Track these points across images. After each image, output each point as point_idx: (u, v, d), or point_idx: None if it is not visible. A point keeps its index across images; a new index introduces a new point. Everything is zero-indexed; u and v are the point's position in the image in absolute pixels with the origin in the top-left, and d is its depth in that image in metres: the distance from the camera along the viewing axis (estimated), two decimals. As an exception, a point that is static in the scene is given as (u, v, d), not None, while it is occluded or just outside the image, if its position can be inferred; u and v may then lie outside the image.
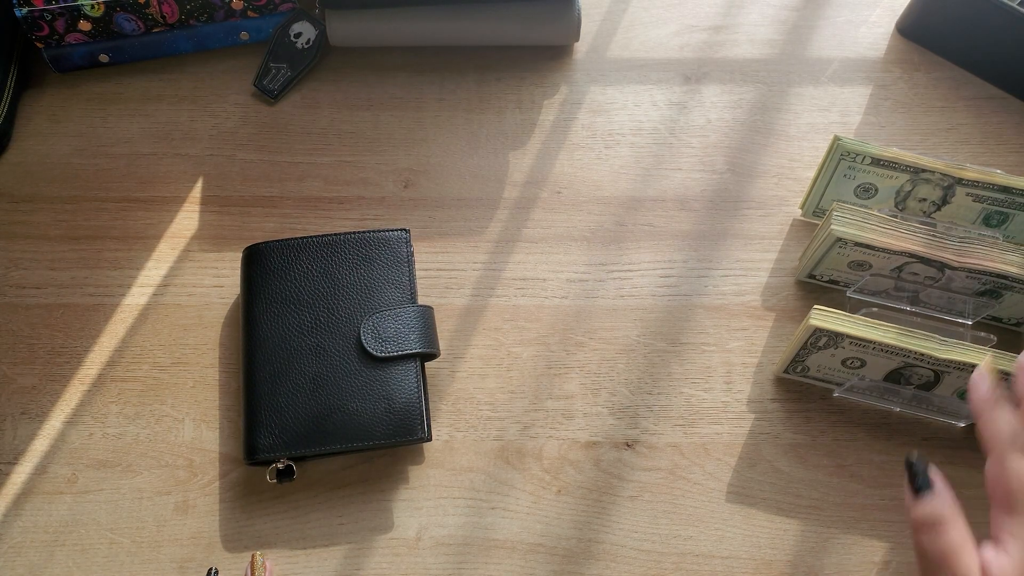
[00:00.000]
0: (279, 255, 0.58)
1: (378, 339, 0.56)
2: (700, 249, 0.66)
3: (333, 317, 0.56)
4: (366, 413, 0.54)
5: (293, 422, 0.53)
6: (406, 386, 0.55)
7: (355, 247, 0.58)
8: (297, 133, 0.71)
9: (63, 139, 0.70)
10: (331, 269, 0.57)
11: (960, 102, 0.74)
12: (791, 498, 0.57)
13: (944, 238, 0.58)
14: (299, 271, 0.57)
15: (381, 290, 0.57)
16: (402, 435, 0.54)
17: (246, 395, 0.55)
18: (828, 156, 0.61)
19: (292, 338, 0.55)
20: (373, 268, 0.58)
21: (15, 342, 0.61)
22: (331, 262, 0.58)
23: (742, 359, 0.62)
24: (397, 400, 0.55)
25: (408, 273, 0.59)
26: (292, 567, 0.54)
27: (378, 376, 0.55)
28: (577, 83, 0.74)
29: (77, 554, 0.54)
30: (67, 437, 0.57)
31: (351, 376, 0.55)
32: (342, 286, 0.57)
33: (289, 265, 0.57)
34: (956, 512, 0.37)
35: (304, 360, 0.55)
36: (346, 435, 0.54)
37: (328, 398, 0.54)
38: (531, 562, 0.54)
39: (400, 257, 0.59)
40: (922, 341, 0.54)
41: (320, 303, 0.56)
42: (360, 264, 0.58)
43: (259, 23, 0.73)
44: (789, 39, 0.78)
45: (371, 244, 0.59)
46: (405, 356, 0.56)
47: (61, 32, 0.68)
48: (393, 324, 0.56)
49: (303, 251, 0.58)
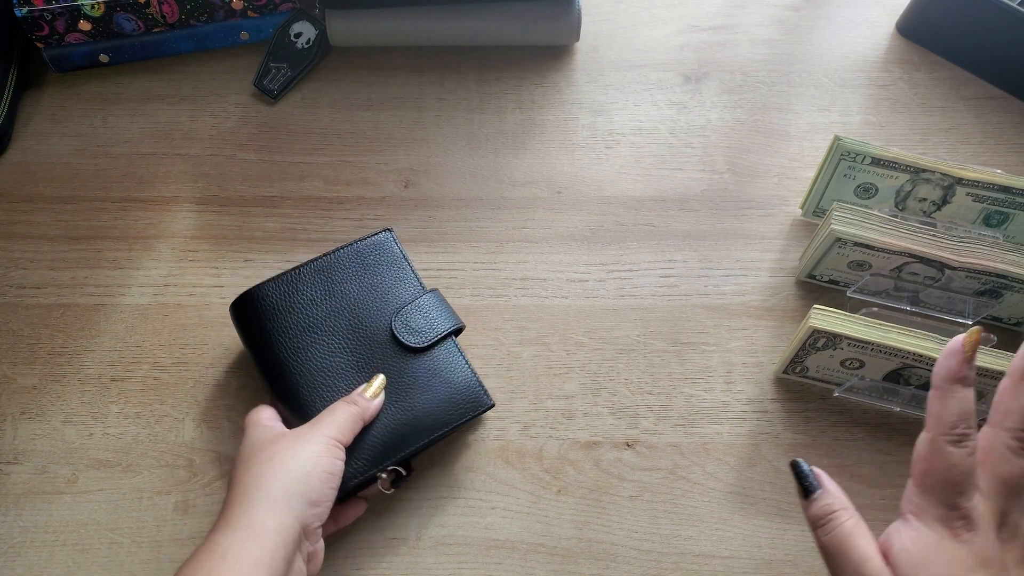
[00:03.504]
0: (277, 293, 0.56)
1: (413, 332, 0.56)
2: (700, 249, 0.66)
3: (359, 330, 0.56)
4: (433, 402, 0.55)
5: (371, 439, 0.53)
6: (456, 363, 0.56)
7: (349, 261, 0.58)
8: (297, 133, 0.71)
9: (63, 139, 0.70)
10: (335, 288, 0.57)
11: (960, 102, 0.74)
12: (791, 498, 0.57)
13: (944, 238, 0.58)
14: (304, 300, 0.56)
15: (391, 290, 0.58)
16: (472, 410, 0.55)
17: None
18: (828, 156, 0.61)
19: (329, 364, 0.55)
20: (375, 273, 0.58)
21: (15, 342, 0.61)
22: (332, 281, 0.57)
23: (742, 359, 0.62)
24: (455, 380, 0.56)
25: (408, 267, 0.59)
26: (292, 567, 0.54)
27: (426, 365, 0.55)
28: (577, 83, 0.74)
29: (77, 554, 0.54)
30: (67, 437, 0.57)
31: (403, 375, 0.55)
32: (354, 300, 0.57)
33: (291, 298, 0.56)
34: (845, 504, 0.38)
35: (352, 379, 0.54)
36: (423, 430, 0.54)
37: (392, 403, 0.54)
38: (531, 562, 0.54)
39: (395, 255, 0.59)
40: (921, 341, 0.54)
41: (340, 322, 0.56)
42: (361, 274, 0.58)
43: (259, 23, 0.73)
44: (789, 39, 0.78)
45: (363, 253, 0.58)
46: (441, 338, 0.56)
47: (61, 32, 0.68)
48: (418, 315, 0.57)
49: (300, 281, 0.57)
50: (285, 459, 0.47)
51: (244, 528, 0.44)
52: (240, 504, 0.45)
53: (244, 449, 0.49)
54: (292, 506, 0.45)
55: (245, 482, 0.46)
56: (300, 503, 0.46)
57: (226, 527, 0.44)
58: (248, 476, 0.46)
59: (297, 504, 0.46)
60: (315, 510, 0.47)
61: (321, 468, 0.47)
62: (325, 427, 0.49)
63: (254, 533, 0.44)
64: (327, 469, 0.47)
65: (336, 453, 0.49)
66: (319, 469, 0.47)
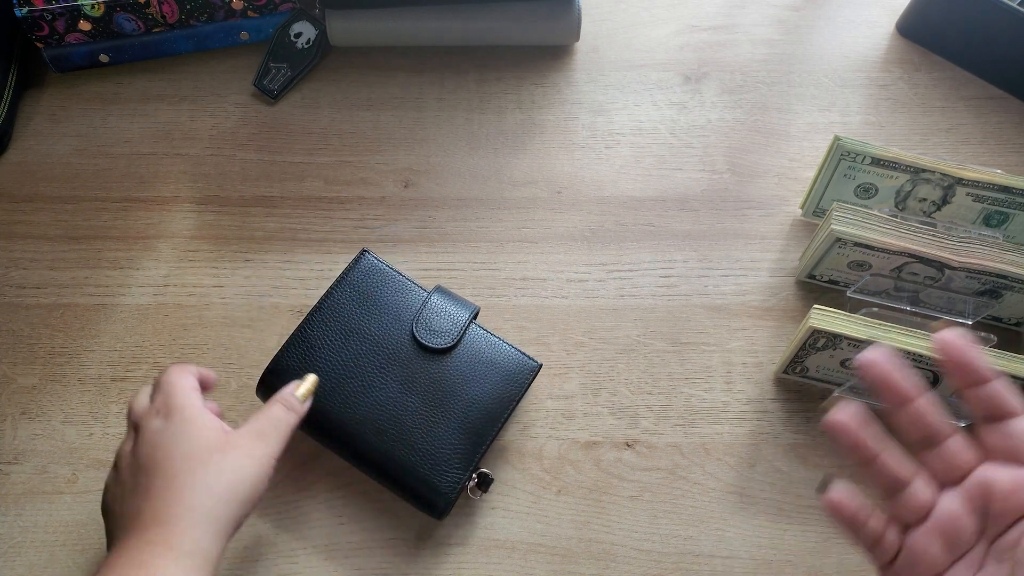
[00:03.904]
0: (295, 358, 0.55)
1: (438, 334, 0.56)
2: (700, 249, 0.66)
3: (388, 355, 0.55)
4: (488, 388, 0.55)
5: (449, 449, 0.53)
6: (490, 344, 0.57)
7: (346, 297, 0.57)
8: (297, 133, 0.71)
9: (63, 139, 0.70)
10: (347, 327, 0.56)
11: (960, 102, 0.74)
12: (791, 498, 0.57)
13: (944, 238, 0.58)
14: (324, 354, 0.55)
15: (398, 305, 0.57)
16: (526, 378, 0.56)
17: (391, 475, 0.54)
18: (828, 156, 0.61)
19: (373, 399, 0.54)
20: (375, 296, 0.57)
21: (15, 342, 0.61)
22: (340, 323, 0.56)
23: (742, 359, 0.62)
24: (497, 359, 0.56)
25: (402, 277, 0.58)
26: (292, 567, 0.54)
27: (465, 358, 0.56)
28: (577, 83, 0.74)
29: (77, 554, 0.54)
30: (67, 437, 0.57)
31: (448, 376, 0.55)
32: (369, 330, 0.56)
33: (311, 357, 0.55)
34: None
35: (403, 403, 0.54)
36: (492, 418, 0.54)
37: (452, 407, 0.54)
38: (531, 562, 0.54)
39: (383, 272, 0.58)
40: (920, 341, 0.54)
41: (368, 357, 0.55)
42: (363, 304, 0.57)
43: (259, 23, 0.73)
44: (789, 39, 0.78)
45: (355, 283, 0.57)
46: (465, 328, 0.57)
47: (61, 32, 0.68)
48: (435, 317, 0.57)
49: (310, 338, 0.55)
50: (233, 478, 0.44)
51: (190, 556, 0.41)
52: (185, 523, 0.42)
53: (183, 439, 0.45)
54: (230, 532, 0.44)
55: (189, 495, 0.43)
56: (233, 528, 0.44)
57: (169, 550, 0.41)
58: (193, 487, 0.43)
59: (232, 529, 0.44)
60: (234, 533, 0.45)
61: (258, 494, 0.45)
62: (271, 444, 0.47)
63: (198, 564, 0.41)
64: (261, 495, 0.45)
65: (271, 475, 0.46)
66: (256, 495, 0.45)
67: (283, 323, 0.62)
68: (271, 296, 0.63)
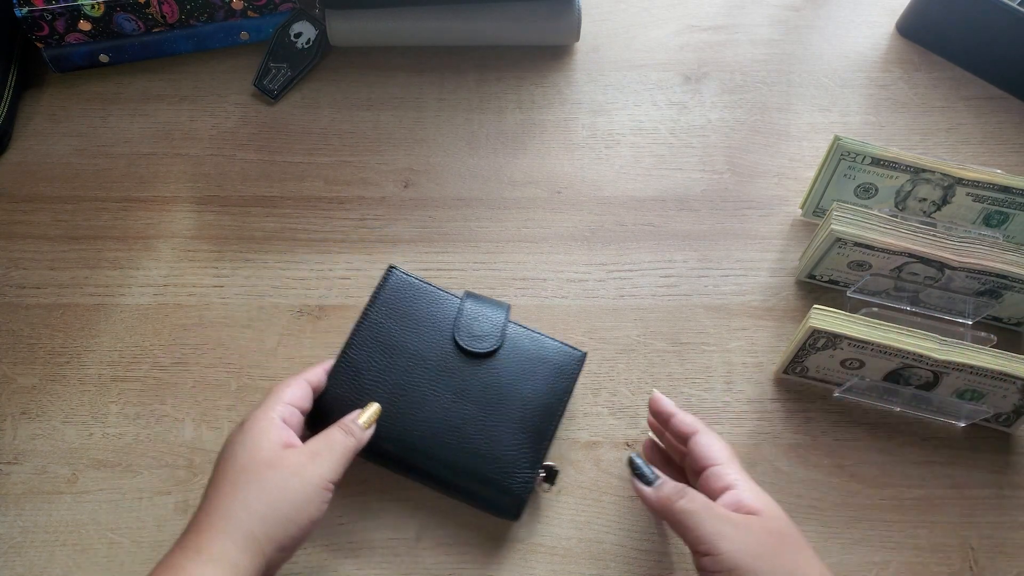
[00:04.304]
0: (344, 387, 0.54)
1: (481, 339, 0.56)
2: (700, 249, 0.66)
3: (433, 369, 0.55)
4: (540, 383, 0.55)
5: (514, 450, 0.53)
6: (532, 339, 0.57)
7: (382, 316, 0.56)
8: (297, 133, 0.71)
9: (63, 139, 0.70)
10: (389, 346, 0.55)
11: (960, 102, 0.74)
12: (791, 498, 0.57)
13: (944, 238, 0.58)
14: (372, 377, 0.54)
15: (434, 316, 0.57)
16: (574, 368, 0.56)
17: (461, 486, 0.54)
18: (828, 156, 0.61)
19: (429, 413, 0.54)
20: (410, 311, 0.57)
21: (15, 342, 0.61)
22: (381, 343, 0.55)
23: (742, 359, 0.62)
24: (542, 353, 0.56)
25: (432, 288, 0.58)
26: (292, 567, 0.54)
27: (512, 357, 0.56)
28: (577, 83, 0.74)
29: (77, 554, 0.54)
30: (67, 437, 0.57)
31: (500, 378, 0.55)
32: (411, 346, 0.56)
33: (359, 382, 0.54)
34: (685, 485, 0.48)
35: (459, 412, 0.54)
36: (550, 412, 0.55)
37: (508, 408, 0.54)
38: (531, 562, 0.54)
39: (414, 285, 0.58)
40: (920, 341, 0.54)
41: (412, 373, 0.55)
42: (400, 320, 0.56)
43: (259, 23, 0.73)
44: (789, 39, 0.78)
45: (389, 301, 0.57)
46: (504, 328, 0.57)
47: (61, 32, 0.68)
48: (473, 322, 0.57)
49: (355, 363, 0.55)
50: (277, 496, 0.44)
51: (215, 562, 0.41)
52: (217, 530, 0.42)
53: (241, 449, 0.46)
54: (266, 550, 0.43)
55: (228, 505, 0.43)
56: (274, 548, 0.43)
57: (197, 554, 0.42)
58: (235, 498, 0.43)
59: (271, 548, 0.43)
60: (282, 555, 0.44)
61: (307, 516, 0.45)
62: (325, 466, 0.46)
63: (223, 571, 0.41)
64: (312, 518, 0.45)
65: (326, 498, 0.46)
66: (305, 517, 0.45)
67: (283, 323, 0.62)
68: (271, 296, 0.63)
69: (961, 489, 0.57)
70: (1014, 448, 0.59)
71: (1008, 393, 0.55)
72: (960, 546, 0.56)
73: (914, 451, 0.59)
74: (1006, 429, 0.59)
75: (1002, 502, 0.57)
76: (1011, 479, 0.58)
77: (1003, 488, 0.58)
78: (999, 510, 0.57)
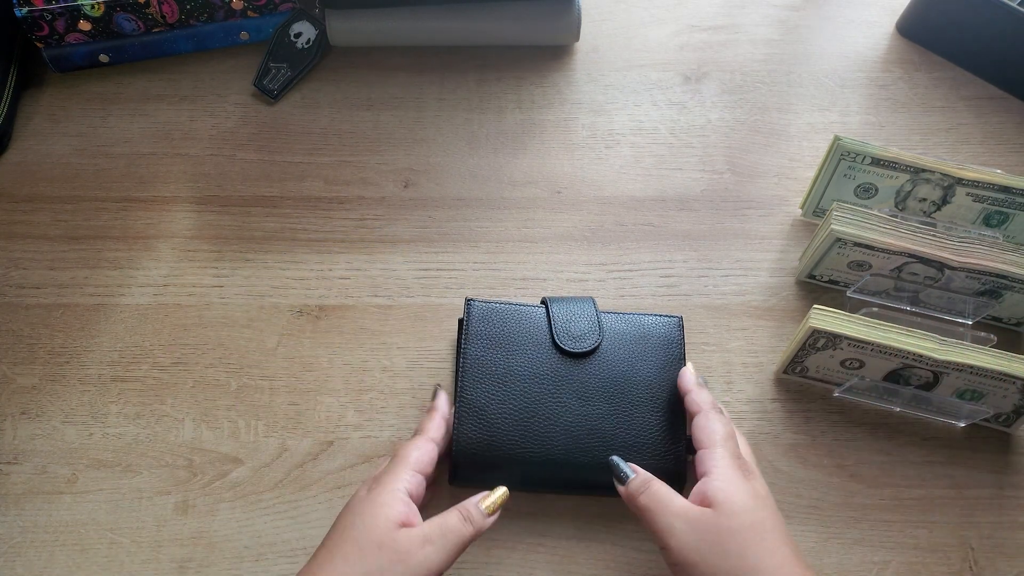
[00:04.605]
0: (472, 430, 0.53)
1: (582, 338, 0.56)
2: (700, 249, 0.66)
3: (549, 382, 0.54)
4: (653, 362, 0.55)
5: (657, 431, 0.53)
6: (627, 322, 0.57)
7: (480, 351, 0.55)
8: (297, 133, 0.71)
9: (63, 139, 0.70)
10: (496, 377, 0.54)
11: (960, 102, 0.74)
12: (791, 498, 0.57)
13: (944, 238, 0.58)
14: (494, 409, 0.53)
15: (526, 332, 0.56)
16: (678, 337, 0.57)
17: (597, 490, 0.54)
18: (828, 156, 0.61)
19: (563, 425, 0.53)
20: (502, 336, 0.56)
21: (15, 342, 0.61)
22: (488, 375, 0.54)
23: (742, 359, 0.62)
24: (643, 333, 0.56)
25: (512, 306, 0.57)
26: (292, 567, 0.54)
27: (616, 345, 0.56)
28: (577, 83, 0.74)
29: (77, 554, 0.54)
30: (67, 437, 0.57)
31: (614, 369, 0.55)
32: (517, 369, 0.54)
33: (486, 420, 0.53)
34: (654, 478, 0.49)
35: (590, 414, 0.53)
36: (672, 385, 0.55)
37: (634, 393, 0.54)
38: (531, 562, 0.54)
39: (495, 310, 0.57)
40: (920, 341, 0.54)
41: (531, 392, 0.54)
42: (496, 348, 0.55)
43: (259, 23, 0.73)
44: (789, 39, 0.78)
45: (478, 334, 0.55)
46: (598, 320, 0.57)
47: (61, 32, 0.68)
48: (568, 325, 0.56)
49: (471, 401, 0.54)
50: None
51: None
52: None
53: (359, 520, 0.45)
54: None
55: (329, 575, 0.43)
56: None
57: None
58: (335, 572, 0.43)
59: None
60: None
61: None
62: (433, 556, 0.45)
63: None
64: None
65: None
66: None
67: (283, 323, 0.62)
68: (271, 296, 0.63)
69: (961, 489, 0.58)
70: (1014, 448, 0.59)
71: (1008, 393, 0.55)
72: (960, 546, 0.56)
73: (914, 451, 0.59)
74: (1006, 429, 0.59)
75: (1002, 502, 0.57)
76: (1011, 479, 0.58)
77: (1003, 488, 0.58)
78: (999, 510, 0.57)
